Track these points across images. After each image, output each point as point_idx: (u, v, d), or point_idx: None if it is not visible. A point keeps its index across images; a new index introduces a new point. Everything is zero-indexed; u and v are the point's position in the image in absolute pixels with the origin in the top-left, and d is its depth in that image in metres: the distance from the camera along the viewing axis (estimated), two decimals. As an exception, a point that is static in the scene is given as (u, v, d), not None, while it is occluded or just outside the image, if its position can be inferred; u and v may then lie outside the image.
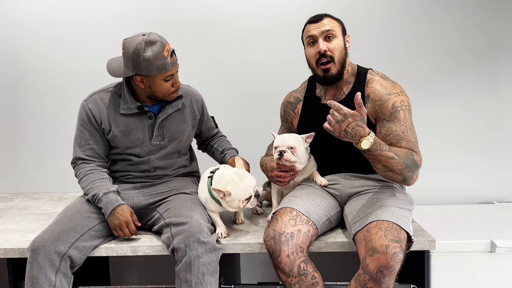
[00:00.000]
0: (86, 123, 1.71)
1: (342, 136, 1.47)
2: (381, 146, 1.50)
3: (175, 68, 1.65)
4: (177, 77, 1.69)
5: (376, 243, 1.39)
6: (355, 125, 1.44)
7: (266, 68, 2.44)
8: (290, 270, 1.48)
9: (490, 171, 2.45)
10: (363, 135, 1.46)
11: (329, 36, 1.65)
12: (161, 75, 1.61)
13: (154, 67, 1.58)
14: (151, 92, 1.67)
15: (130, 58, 1.59)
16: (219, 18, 2.41)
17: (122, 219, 1.59)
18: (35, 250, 1.47)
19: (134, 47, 1.57)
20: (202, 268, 1.46)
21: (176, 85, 1.68)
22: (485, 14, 2.35)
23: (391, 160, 1.50)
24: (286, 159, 1.66)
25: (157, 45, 1.57)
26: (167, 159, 1.79)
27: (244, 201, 1.58)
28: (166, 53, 1.59)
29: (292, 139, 1.69)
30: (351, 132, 1.45)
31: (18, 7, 2.45)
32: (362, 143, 1.46)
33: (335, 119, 1.46)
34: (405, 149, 1.56)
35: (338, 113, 1.45)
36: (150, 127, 1.73)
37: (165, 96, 1.69)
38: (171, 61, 1.61)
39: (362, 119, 1.46)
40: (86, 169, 1.70)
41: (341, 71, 1.68)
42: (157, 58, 1.57)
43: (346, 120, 1.44)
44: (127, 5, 2.43)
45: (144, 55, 1.56)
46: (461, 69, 2.40)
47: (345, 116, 1.44)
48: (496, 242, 1.73)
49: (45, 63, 2.48)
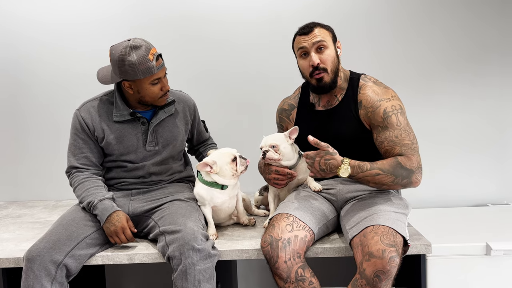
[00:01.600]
0: (79, 131, 1.72)
1: (323, 175, 1.55)
2: (362, 167, 1.53)
3: (161, 72, 1.65)
4: (165, 81, 1.69)
5: (372, 247, 1.39)
6: (324, 161, 1.52)
7: (260, 72, 2.45)
8: (288, 276, 1.48)
9: (485, 173, 2.47)
10: (337, 165, 1.52)
11: (320, 47, 1.65)
12: (147, 79, 1.62)
13: (139, 71, 1.58)
14: (140, 97, 1.67)
15: (116, 64, 1.60)
16: (212, 22, 2.42)
17: (118, 225, 1.59)
18: (30, 259, 1.46)
19: (119, 52, 1.58)
20: (198, 276, 1.46)
21: (164, 89, 1.68)
22: (473, 19, 2.38)
23: (378, 177, 1.53)
24: (268, 157, 1.70)
25: (142, 49, 1.58)
26: (162, 164, 1.79)
27: (232, 164, 1.65)
28: (151, 56, 1.59)
29: (273, 138, 1.73)
30: (326, 168, 1.52)
31: (15, 14, 2.45)
32: (340, 172, 1.52)
33: (309, 165, 1.55)
34: (391, 159, 1.56)
35: (308, 159, 1.55)
36: (143, 133, 1.74)
37: (154, 101, 1.69)
38: (157, 64, 1.61)
39: (328, 153, 1.53)
40: (80, 177, 1.70)
41: (334, 79, 1.69)
42: (142, 62, 1.58)
43: (315, 161, 1.53)
44: (126, 8, 2.43)
45: (129, 59, 1.57)
46: (452, 73, 2.42)
47: (312, 158, 1.54)
48: (492, 245, 1.74)
49: (39, 69, 2.47)
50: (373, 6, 2.40)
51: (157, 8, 2.42)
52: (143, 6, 2.42)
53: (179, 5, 2.42)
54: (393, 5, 2.40)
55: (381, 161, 1.56)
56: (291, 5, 2.40)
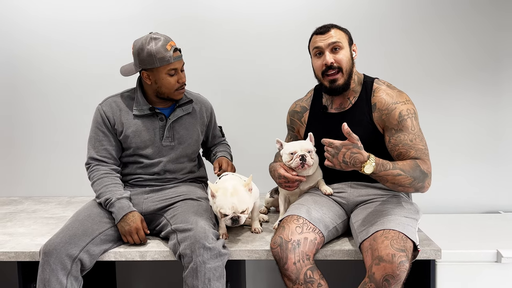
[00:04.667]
0: (100, 125, 1.77)
1: (344, 167, 1.48)
2: (385, 166, 1.51)
3: (178, 63, 1.72)
4: (182, 75, 1.75)
5: (382, 252, 1.40)
6: (350, 154, 1.46)
7: (271, 74, 2.46)
8: (297, 277, 1.49)
9: (496, 180, 2.45)
10: (363, 160, 1.47)
11: (335, 48, 1.67)
12: (164, 68, 1.69)
13: (156, 59, 1.67)
14: (157, 88, 1.74)
15: (136, 54, 1.71)
16: (224, 23, 2.44)
17: (133, 225, 1.62)
18: (47, 253, 1.50)
19: (140, 43, 1.70)
20: (208, 274, 1.48)
21: (181, 81, 1.75)
22: (486, 26, 2.37)
23: (398, 177, 1.52)
24: (308, 164, 1.67)
25: (161, 40, 1.69)
26: (177, 162, 1.82)
27: (220, 213, 1.59)
28: (169, 47, 1.69)
29: (307, 143, 1.72)
30: (350, 161, 1.46)
31: (22, 9, 2.49)
32: (365, 168, 1.47)
33: (330, 154, 1.48)
34: (410, 161, 1.57)
35: (331, 148, 1.48)
36: (161, 129, 1.79)
37: (171, 93, 1.75)
38: (174, 55, 1.70)
39: (356, 146, 1.47)
40: (100, 172, 1.74)
41: (348, 81, 1.70)
42: (160, 51, 1.67)
43: (340, 152, 1.46)
44: (134, 8, 2.46)
45: (148, 48, 1.67)
46: (464, 80, 2.41)
47: (337, 148, 1.47)
48: (502, 252, 1.73)
49: (53, 66, 2.52)
50: (388, 12, 2.40)
51: (170, 9, 2.45)
52: (158, 7, 2.46)
53: (192, 7, 2.44)
54: (407, 12, 2.39)
55: (401, 162, 1.55)
56: (308, 9, 2.41)
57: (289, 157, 1.71)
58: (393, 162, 1.54)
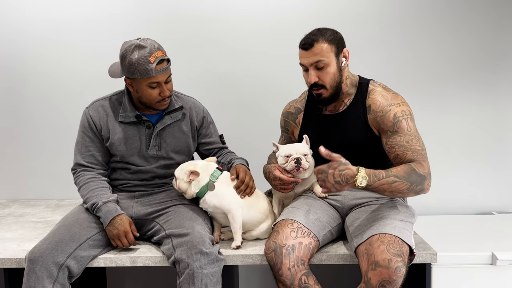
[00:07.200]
0: (87, 129, 1.72)
1: (339, 188, 1.45)
2: (378, 175, 1.47)
3: (161, 77, 1.61)
4: (166, 87, 1.64)
5: (378, 257, 1.38)
6: (339, 172, 1.43)
7: (264, 75, 2.43)
8: (291, 283, 1.47)
9: (490, 181, 2.45)
10: (353, 174, 1.43)
11: (319, 66, 1.62)
12: (145, 80, 1.60)
13: (137, 70, 1.58)
14: (139, 97, 1.67)
15: (120, 60, 1.63)
16: (217, 21, 2.40)
17: (121, 229, 1.57)
18: (32, 260, 1.45)
19: (124, 49, 1.61)
20: (205, 280, 1.45)
21: (163, 94, 1.64)
22: (484, 26, 2.37)
23: (394, 184, 1.48)
24: (303, 167, 1.65)
25: (146, 50, 1.57)
26: (166, 168, 1.78)
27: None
28: (153, 59, 1.57)
29: (303, 146, 1.70)
30: (341, 179, 1.43)
31: (17, 10, 2.44)
32: (358, 182, 1.43)
33: (321, 180, 1.46)
34: (404, 166, 1.53)
35: (320, 174, 1.46)
36: (147, 137, 1.73)
37: (152, 104, 1.67)
38: (158, 68, 1.59)
39: (340, 163, 1.44)
40: (86, 177, 1.69)
41: (334, 94, 1.66)
42: (142, 63, 1.57)
43: (328, 174, 1.43)
44: (126, 8, 2.41)
45: (130, 58, 1.58)
46: (462, 80, 2.40)
47: (324, 171, 1.44)
48: (497, 254, 1.72)
49: (43, 69, 2.46)
50: (385, 11, 2.37)
51: (160, 6, 2.40)
52: (145, 6, 2.41)
53: (181, 4, 2.40)
54: (405, 11, 2.37)
55: (395, 168, 1.52)
56: (300, 7, 2.38)
57: (284, 160, 1.68)
58: (386, 170, 1.50)
